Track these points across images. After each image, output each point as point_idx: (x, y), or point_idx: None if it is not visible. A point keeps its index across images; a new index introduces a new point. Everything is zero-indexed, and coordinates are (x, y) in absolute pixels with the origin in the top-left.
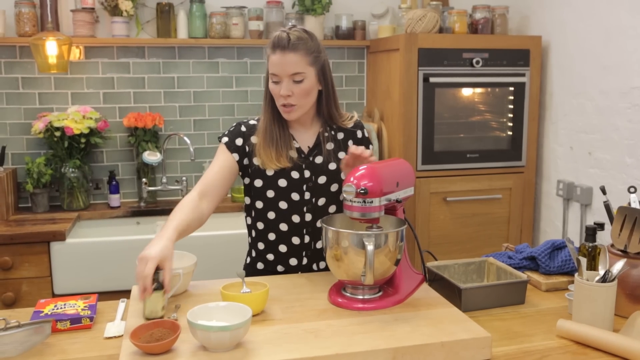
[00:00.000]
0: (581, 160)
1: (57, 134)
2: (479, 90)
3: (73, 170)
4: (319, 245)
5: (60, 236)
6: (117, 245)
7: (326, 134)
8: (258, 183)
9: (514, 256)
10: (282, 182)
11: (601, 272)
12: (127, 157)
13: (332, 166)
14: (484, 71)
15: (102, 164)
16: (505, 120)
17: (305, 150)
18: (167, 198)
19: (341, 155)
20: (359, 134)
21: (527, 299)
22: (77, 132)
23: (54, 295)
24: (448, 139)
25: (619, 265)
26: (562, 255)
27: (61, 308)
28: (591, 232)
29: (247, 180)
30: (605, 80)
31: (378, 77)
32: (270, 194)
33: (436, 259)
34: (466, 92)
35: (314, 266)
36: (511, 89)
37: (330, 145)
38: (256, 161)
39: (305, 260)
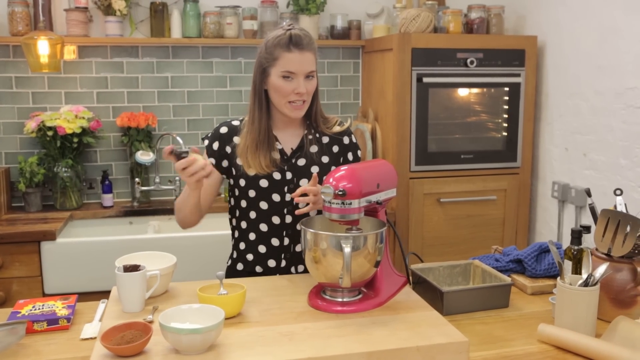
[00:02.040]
0: (576, 162)
1: (50, 133)
2: (473, 90)
3: (66, 169)
4: (298, 248)
5: (51, 236)
6: (108, 245)
7: (310, 137)
8: (242, 182)
9: (500, 259)
10: (264, 183)
11: (584, 276)
12: (120, 157)
13: (315, 169)
14: (478, 71)
15: (95, 164)
16: (500, 120)
17: (288, 152)
18: (160, 198)
19: (324, 159)
20: (346, 140)
21: (511, 302)
22: (69, 131)
23: (44, 295)
24: (442, 139)
25: (601, 269)
26: (549, 258)
27: (39, 309)
28: (577, 235)
29: (231, 181)
30: (600, 80)
31: (373, 77)
32: (252, 193)
33: (422, 261)
34: (460, 92)
35: (293, 269)
36: (506, 89)
37: (314, 148)
38: (239, 161)
39: (284, 263)
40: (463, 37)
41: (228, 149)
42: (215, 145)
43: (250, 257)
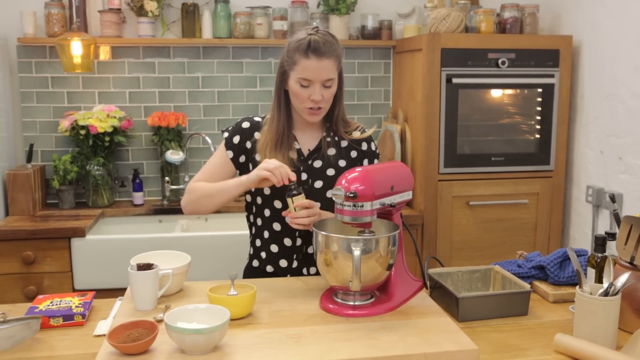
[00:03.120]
0: (611, 166)
1: (82, 132)
2: (505, 91)
3: (98, 168)
4: (310, 249)
5: (81, 232)
6: (135, 242)
7: (328, 139)
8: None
9: (523, 265)
10: None
11: (605, 284)
12: (151, 156)
13: (331, 172)
14: (510, 72)
15: (127, 162)
16: (532, 122)
17: (305, 152)
18: None
19: (341, 163)
20: (364, 146)
21: (531, 310)
22: (101, 130)
23: (73, 290)
24: (472, 141)
25: (623, 278)
26: (573, 265)
27: (57, 304)
28: (600, 242)
29: None
30: (637, 81)
31: (403, 77)
32: (267, 191)
33: (442, 265)
34: (491, 93)
35: (304, 270)
36: (539, 90)
37: (331, 151)
38: (258, 157)
39: (295, 264)
40: (494, 37)
41: (248, 144)
42: (236, 139)
43: (263, 255)
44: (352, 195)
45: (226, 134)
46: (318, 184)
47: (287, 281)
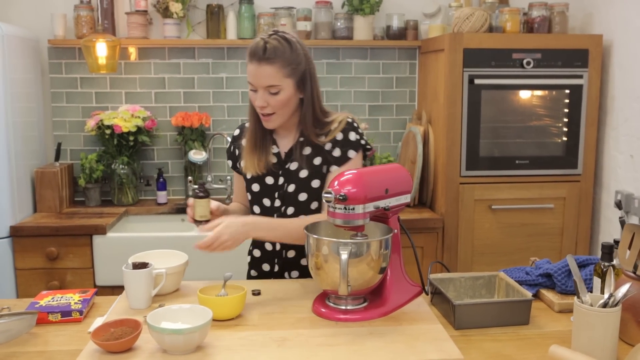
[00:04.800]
0: None
1: (108, 131)
2: (530, 93)
3: (122, 166)
4: (290, 254)
5: (102, 230)
6: (154, 240)
7: (302, 139)
8: (244, 184)
9: (531, 272)
10: (255, 187)
11: (606, 295)
12: (176, 155)
13: (303, 174)
14: (536, 73)
15: (152, 161)
16: (560, 125)
17: (283, 155)
18: (213, 196)
19: (316, 161)
20: (339, 136)
21: (535, 319)
22: (125, 130)
23: (95, 286)
24: (495, 143)
25: (623, 289)
26: (582, 274)
27: (57, 300)
28: (607, 251)
29: None
30: None
31: (427, 78)
32: (249, 196)
33: (448, 270)
34: (516, 94)
35: (286, 274)
36: (567, 91)
37: (307, 150)
38: (242, 163)
39: (277, 267)
40: (519, 37)
41: (236, 151)
42: (231, 148)
43: (248, 259)
44: (341, 197)
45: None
46: (291, 187)
47: (284, 283)
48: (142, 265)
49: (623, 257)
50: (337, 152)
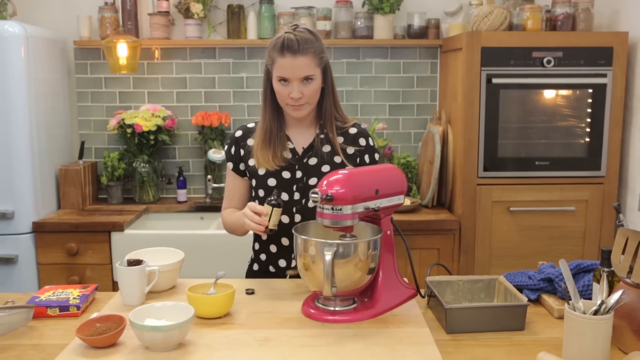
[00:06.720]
0: None
1: (129, 130)
2: (551, 92)
3: (144, 165)
4: None
5: (119, 227)
6: (171, 238)
7: (322, 136)
8: (253, 182)
9: (533, 276)
10: (272, 182)
11: (598, 302)
12: (196, 154)
13: (326, 168)
14: (557, 71)
15: (173, 160)
16: (582, 125)
17: (300, 151)
18: None
19: (337, 159)
20: (362, 142)
21: (531, 325)
22: (145, 129)
23: (114, 282)
24: (514, 144)
25: (615, 296)
26: (586, 279)
27: (57, 295)
28: (606, 256)
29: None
30: None
31: (447, 77)
32: (261, 192)
33: (450, 273)
34: (537, 94)
35: None
36: (590, 91)
37: (326, 148)
38: (251, 162)
39: (293, 263)
40: (539, 35)
41: (242, 152)
42: (232, 150)
43: (263, 257)
44: (328, 198)
45: (226, 147)
46: (313, 180)
47: (281, 283)
48: (137, 263)
49: (617, 262)
50: (367, 159)
